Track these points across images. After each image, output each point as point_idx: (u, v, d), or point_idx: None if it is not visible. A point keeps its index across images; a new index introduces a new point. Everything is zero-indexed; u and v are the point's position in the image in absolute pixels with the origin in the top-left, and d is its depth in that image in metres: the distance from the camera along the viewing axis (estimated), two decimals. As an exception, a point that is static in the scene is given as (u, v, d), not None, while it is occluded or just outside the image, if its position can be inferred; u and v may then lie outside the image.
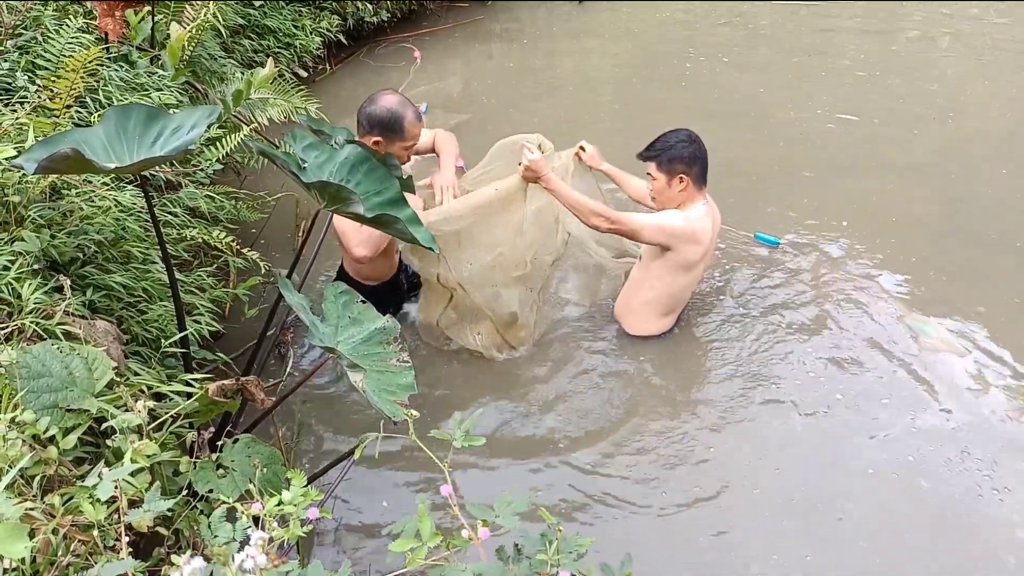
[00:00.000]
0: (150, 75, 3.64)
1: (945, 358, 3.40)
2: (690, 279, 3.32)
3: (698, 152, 3.12)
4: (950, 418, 3.10)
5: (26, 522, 1.56)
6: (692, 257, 3.20)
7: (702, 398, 3.21)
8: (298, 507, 1.56)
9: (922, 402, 3.18)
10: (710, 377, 3.31)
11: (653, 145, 3.17)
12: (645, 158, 3.18)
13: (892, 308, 3.70)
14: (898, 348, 3.46)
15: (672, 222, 3.12)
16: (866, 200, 4.62)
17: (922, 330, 3.55)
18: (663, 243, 3.15)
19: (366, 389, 2.02)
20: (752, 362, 3.38)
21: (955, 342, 3.49)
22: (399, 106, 2.95)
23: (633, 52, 7.08)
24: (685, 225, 3.12)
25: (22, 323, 2.19)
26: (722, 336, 3.53)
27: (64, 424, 1.94)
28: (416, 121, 2.99)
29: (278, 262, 3.92)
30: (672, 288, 3.32)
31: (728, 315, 3.65)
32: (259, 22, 5.59)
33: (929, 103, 5.89)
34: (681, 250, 3.16)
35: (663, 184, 3.14)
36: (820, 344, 3.49)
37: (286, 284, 2.16)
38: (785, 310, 3.70)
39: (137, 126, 2.34)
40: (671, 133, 3.16)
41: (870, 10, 7.93)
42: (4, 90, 3.07)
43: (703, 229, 3.15)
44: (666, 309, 3.42)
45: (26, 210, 2.51)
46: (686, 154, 3.10)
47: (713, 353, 3.44)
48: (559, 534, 1.50)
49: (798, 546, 2.60)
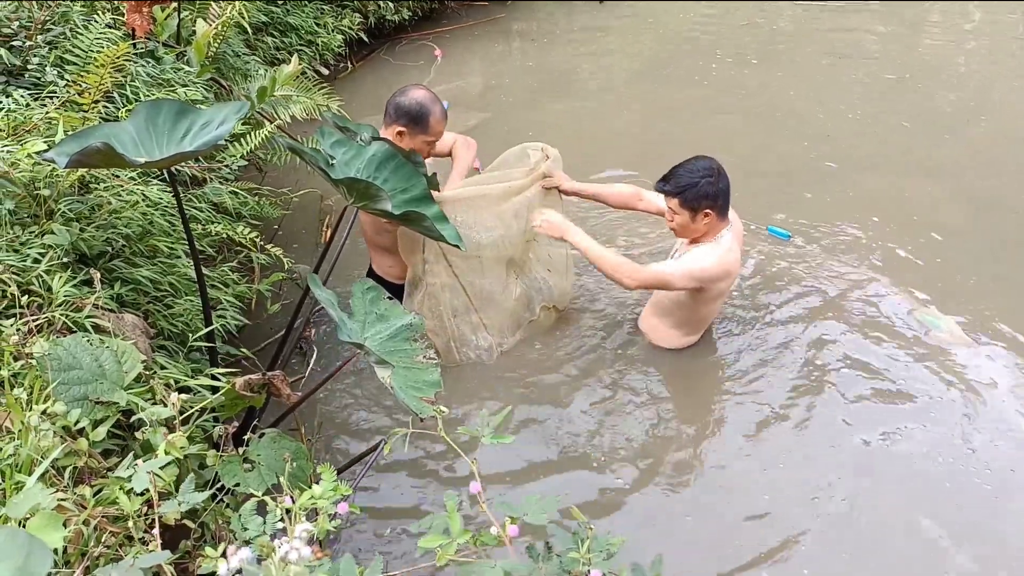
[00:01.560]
0: (176, 71, 3.66)
1: (956, 351, 3.40)
2: (720, 303, 3.29)
3: (723, 185, 2.96)
4: (963, 412, 3.10)
5: (59, 512, 1.57)
6: (724, 289, 3.14)
7: (722, 407, 3.18)
8: (328, 501, 1.56)
9: (936, 398, 3.18)
10: (730, 384, 3.28)
11: (675, 179, 2.97)
12: (667, 193, 2.99)
13: (902, 302, 3.70)
14: (909, 342, 3.46)
15: (704, 265, 2.99)
16: (889, 199, 4.58)
17: (933, 324, 3.55)
18: (697, 287, 3.05)
19: (393, 385, 2.02)
20: (767, 364, 3.36)
21: (965, 336, 3.48)
22: (428, 101, 2.96)
23: (654, 51, 7.06)
24: (718, 266, 2.99)
25: (52, 315, 2.21)
26: (739, 336, 3.52)
27: (94, 416, 1.95)
28: (441, 119, 3.00)
29: (298, 258, 3.94)
30: (701, 314, 3.27)
31: (744, 315, 3.65)
32: (282, 19, 5.62)
33: (959, 106, 5.82)
34: (714, 288, 3.08)
35: (687, 219, 3.00)
36: (831, 339, 3.48)
37: (315, 280, 2.16)
38: (796, 306, 3.69)
39: (166, 121, 2.35)
40: (693, 164, 2.97)
41: (893, 11, 7.86)
42: (34, 85, 3.10)
43: (734, 261, 3.05)
44: (694, 330, 3.37)
45: (56, 204, 2.54)
46: (711, 191, 2.92)
47: (731, 357, 3.41)
48: (590, 533, 1.50)
49: (828, 555, 2.59)
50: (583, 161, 4.78)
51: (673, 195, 2.96)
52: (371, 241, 3.30)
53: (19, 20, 3.25)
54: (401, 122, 2.95)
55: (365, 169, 2.55)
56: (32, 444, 1.75)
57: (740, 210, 3.29)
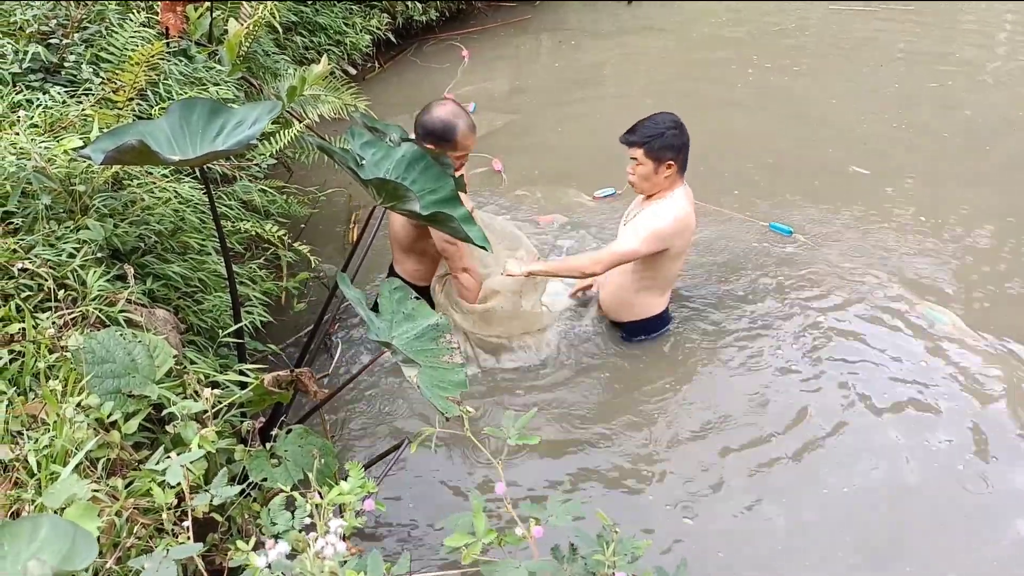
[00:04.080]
0: (208, 69, 3.70)
1: (959, 345, 3.44)
2: (681, 262, 3.34)
3: (686, 139, 3.07)
4: (964, 406, 3.14)
5: (93, 503, 1.60)
6: (683, 246, 3.20)
7: (717, 403, 3.19)
8: (355, 498, 1.58)
9: (939, 390, 3.21)
10: (727, 380, 3.31)
11: (639, 130, 3.08)
12: (631, 143, 3.09)
13: (906, 297, 3.74)
14: (912, 336, 3.50)
15: (665, 223, 3.08)
16: (917, 204, 4.54)
17: (936, 318, 3.59)
18: (662, 247, 3.12)
19: (420, 385, 2.04)
20: (769, 357, 3.41)
21: (968, 329, 3.52)
22: (451, 116, 2.97)
23: (682, 52, 7.02)
24: (676, 221, 3.08)
25: (86, 309, 2.25)
26: (736, 331, 3.55)
27: (126, 409, 1.99)
28: (468, 132, 3.00)
29: (324, 256, 3.97)
30: (666, 272, 3.30)
31: (745, 309, 3.69)
32: (311, 19, 5.66)
33: (1001, 116, 5.70)
34: (675, 244, 3.15)
35: (650, 170, 3.08)
36: (836, 334, 3.52)
37: (344, 279, 2.19)
38: (796, 300, 3.74)
39: (200, 120, 2.38)
40: (659, 117, 3.08)
41: (931, 19, 7.72)
42: (70, 82, 3.15)
43: (689, 215, 3.14)
44: (662, 291, 3.40)
45: (91, 199, 2.58)
46: (676, 142, 3.04)
47: (728, 350, 3.44)
48: (615, 535, 1.50)
49: (851, 555, 2.59)
50: (608, 162, 4.79)
51: (639, 145, 3.07)
52: (401, 245, 3.32)
53: (56, 18, 3.31)
54: (427, 140, 2.96)
55: (394, 170, 2.57)
56: (67, 435, 1.78)
57: (770, 210, 3.31)
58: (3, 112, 2.79)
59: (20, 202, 2.44)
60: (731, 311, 3.66)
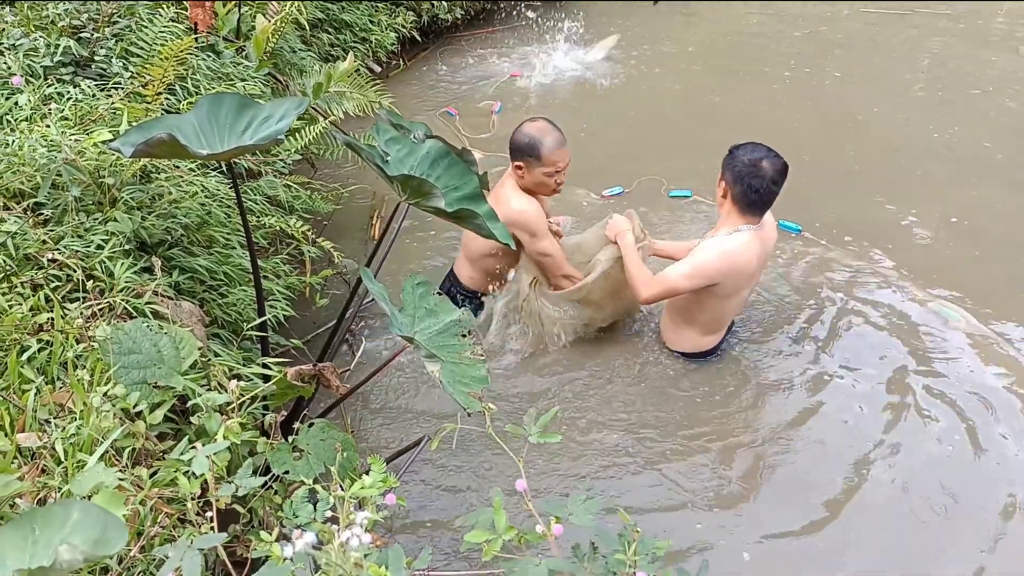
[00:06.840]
0: (235, 65, 3.74)
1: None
2: (736, 302, 3.18)
3: (753, 181, 2.85)
4: (985, 402, 3.16)
5: (119, 492, 1.62)
6: (733, 288, 3.04)
7: (751, 411, 3.17)
8: (377, 492, 1.58)
9: (966, 386, 3.24)
10: (755, 388, 3.28)
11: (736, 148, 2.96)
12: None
13: (918, 296, 3.76)
14: (929, 333, 3.54)
15: (706, 258, 2.93)
16: (952, 210, 4.49)
17: (949, 315, 3.62)
18: (707, 283, 2.97)
19: (442, 380, 2.04)
20: (791, 363, 3.40)
21: (980, 325, 3.56)
22: (538, 132, 2.98)
23: (710, 53, 6.94)
24: (720, 261, 2.91)
25: (114, 300, 2.27)
26: (762, 341, 3.53)
27: (151, 400, 2.01)
28: (555, 148, 2.98)
29: (346, 252, 3.98)
30: (716, 314, 3.18)
31: (766, 317, 3.67)
32: (337, 16, 5.69)
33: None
34: (723, 284, 2.99)
35: (719, 186, 2.98)
36: (856, 334, 3.55)
37: (367, 273, 2.19)
38: (812, 302, 3.75)
39: (228, 114, 2.40)
40: (755, 147, 2.91)
41: (977, 26, 7.59)
42: (100, 76, 3.19)
43: (745, 260, 2.94)
44: (709, 330, 3.27)
45: (119, 192, 2.61)
46: (734, 170, 2.88)
47: (752, 360, 3.42)
48: (636, 535, 1.50)
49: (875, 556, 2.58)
50: (635, 166, 4.78)
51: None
52: (469, 254, 3.34)
53: (88, 13, 3.35)
54: (515, 156, 2.99)
55: (419, 166, 2.57)
56: (93, 424, 1.80)
57: (803, 212, 3.27)
58: (35, 105, 2.83)
59: (50, 193, 2.47)
60: (750, 312, 3.64)
